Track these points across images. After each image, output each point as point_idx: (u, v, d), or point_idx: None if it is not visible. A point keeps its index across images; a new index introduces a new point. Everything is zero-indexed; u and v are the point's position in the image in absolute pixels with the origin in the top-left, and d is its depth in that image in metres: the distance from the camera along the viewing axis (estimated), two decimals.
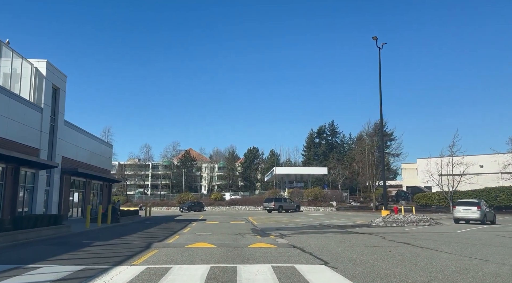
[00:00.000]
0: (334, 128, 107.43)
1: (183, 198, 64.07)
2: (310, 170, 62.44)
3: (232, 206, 59.39)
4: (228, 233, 18.11)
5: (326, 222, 26.68)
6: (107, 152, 35.20)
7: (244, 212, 48.48)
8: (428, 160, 40.59)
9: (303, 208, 48.28)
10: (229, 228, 21.35)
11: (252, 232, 18.58)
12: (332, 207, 46.71)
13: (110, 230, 19.34)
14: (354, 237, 15.79)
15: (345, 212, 42.60)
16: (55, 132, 24.42)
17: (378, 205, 43.35)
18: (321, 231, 18.67)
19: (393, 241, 14.30)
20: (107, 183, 34.76)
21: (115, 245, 12.62)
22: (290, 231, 18.90)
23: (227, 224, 24.87)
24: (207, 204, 62.04)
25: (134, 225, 23.78)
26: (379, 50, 27.44)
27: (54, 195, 24.32)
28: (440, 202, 40.98)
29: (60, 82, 24.85)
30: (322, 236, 16.21)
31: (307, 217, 33.34)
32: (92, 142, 30.98)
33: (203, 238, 15.12)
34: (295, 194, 51.09)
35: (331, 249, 11.51)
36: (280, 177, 64.80)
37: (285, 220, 28.96)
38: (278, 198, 46.78)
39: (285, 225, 23.92)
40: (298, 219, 30.94)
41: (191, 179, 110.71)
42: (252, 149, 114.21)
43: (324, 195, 49.05)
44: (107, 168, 35.22)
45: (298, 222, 26.37)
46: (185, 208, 55.07)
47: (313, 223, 25.15)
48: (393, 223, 22.24)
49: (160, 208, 66.87)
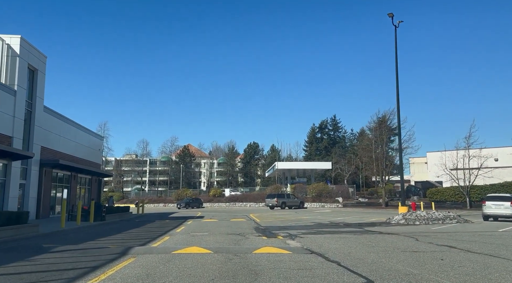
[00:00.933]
0: (336, 123, 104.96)
1: (181, 194, 61.33)
2: (313, 165, 59.74)
3: (232, 203, 56.72)
4: (227, 233, 15.43)
5: (336, 219, 24.00)
6: (97, 144, 32.39)
7: (245, 209, 45.79)
8: (442, 153, 37.85)
9: (307, 204, 45.62)
10: (229, 227, 18.67)
11: (255, 232, 15.91)
12: (338, 203, 44.02)
13: (88, 230, 16.64)
14: (380, 238, 13.09)
15: (352, 208, 39.91)
16: (33, 119, 21.64)
17: (388, 201, 40.71)
18: (336, 231, 15.99)
19: (430, 243, 11.62)
20: (97, 178, 32.01)
21: (83, 251, 9.89)
22: (299, 230, 16.23)
23: (227, 222, 22.18)
24: (206, 201, 59.35)
25: (122, 224, 21.07)
26: (395, 28, 24.63)
27: (31, 190, 21.59)
28: (455, 198, 38.31)
29: (38, 63, 22.06)
30: (340, 237, 13.52)
31: (314, 214, 30.66)
32: (79, 133, 28.19)
33: (198, 240, 12.42)
34: (298, 189, 48.40)
35: (362, 257, 8.82)
36: (282, 172, 62.12)
37: (290, 217, 26.28)
38: (281, 194, 44.10)
39: (292, 223, 21.23)
40: (304, 216, 28.26)
41: (190, 175, 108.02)
42: (252, 144, 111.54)
43: (329, 191, 46.33)
44: (96, 161, 32.46)
45: (305, 220, 23.69)
46: (182, 204, 52.36)
47: (322, 221, 22.47)
48: (415, 221, 19.54)
49: (157, 204, 64.18)
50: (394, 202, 41.93)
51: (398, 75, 24.62)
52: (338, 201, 44.40)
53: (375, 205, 41.35)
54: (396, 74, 24.73)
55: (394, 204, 41.23)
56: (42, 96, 22.72)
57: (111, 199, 34.40)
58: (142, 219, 25.49)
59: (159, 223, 22.37)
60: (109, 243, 11.88)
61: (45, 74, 22.86)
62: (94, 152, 31.47)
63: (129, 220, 24.09)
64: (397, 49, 24.83)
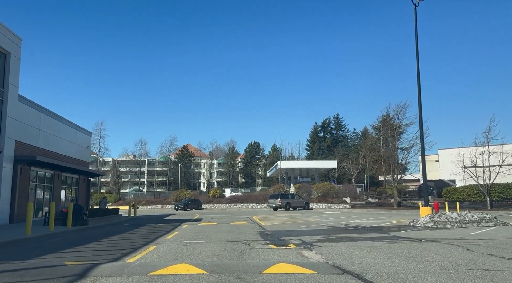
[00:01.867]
0: (339, 121, 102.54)
1: (179, 195, 58.65)
2: (318, 164, 56.99)
3: (232, 204, 54.01)
4: (228, 240, 12.75)
5: (350, 222, 21.28)
6: (85, 140, 29.66)
7: (246, 210, 43.06)
8: (460, 149, 35.08)
9: (312, 205, 42.91)
10: (230, 232, 15.96)
11: (261, 239, 13.24)
12: (345, 204, 41.28)
13: (58, 238, 13.91)
14: (419, 247, 10.38)
15: (362, 209, 37.17)
16: (4, 109, 18.93)
17: (400, 201, 37.99)
18: (359, 237, 13.30)
19: (491, 255, 8.93)
20: (85, 177, 29.29)
21: (23, 272, 7.13)
22: (313, 237, 13.56)
23: (227, 225, 19.46)
24: (205, 202, 56.68)
25: (106, 229, 18.35)
26: (414, 7, 21.89)
27: (4, 190, 18.86)
28: (474, 197, 35.56)
29: (11, 45, 19.39)
30: (368, 245, 10.83)
31: (322, 216, 27.94)
32: (63, 127, 25.44)
33: (189, 252, 9.73)
34: (302, 189, 45.69)
35: (420, 280, 6.12)
36: (284, 171, 59.40)
37: (297, 220, 23.56)
38: (285, 194, 41.38)
39: (301, 226, 18.53)
40: (313, 218, 25.54)
41: (189, 175, 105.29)
42: (253, 144, 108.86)
43: (336, 191, 43.58)
44: (85, 159, 29.72)
45: (315, 223, 20.97)
46: (180, 206, 49.68)
47: (335, 224, 19.75)
48: (446, 224, 16.81)
49: (155, 206, 61.52)
50: (407, 202, 39.28)
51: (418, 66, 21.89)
52: (345, 201, 41.67)
53: (386, 205, 38.64)
54: (416, 57, 22.03)
55: (406, 205, 38.55)
56: (17, 84, 20.02)
57: (103, 200, 31.74)
58: (133, 223, 22.77)
59: (150, 227, 19.65)
60: (71, 257, 9.16)
61: (19, 59, 20.16)
62: (81, 149, 28.74)
63: (116, 224, 21.37)
64: (417, 34, 22.09)
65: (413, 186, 54.21)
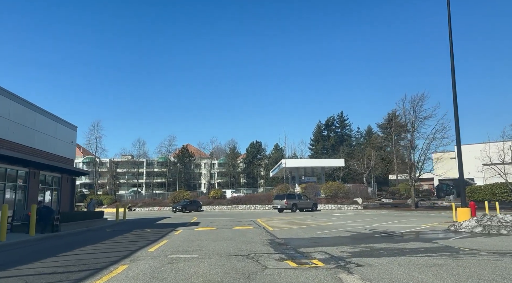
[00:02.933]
0: (344, 119, 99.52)
1: (177, 196, 55.39)
2: (324, 162, 53.71)
3: (234, 205, 50.80)
4: (229, 253, 9.60)
5: (373, 226, 18.08)
6: (68, 134, 26.45)
7: (249, 212, 39.83)
8: (487, 144, 31.90)
9: (320, 206, 39.66)
10: (232, 240, 12.79)
11: (273, 250, 10.13)
12: (357, 204, 38.00)
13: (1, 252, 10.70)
14: (507, 266, 7.15)
15: (376, 210, 33.92)
16: None
17: (418, 201, 34.73)
18: (400, 248, 10.20)
19: None
20: (69, 176, 26.09)
21: None
22: (340, 247, 10.45)
23: (229, 231, 16.27)
24: (205, 203, 53.50)
25: (80, 237, 15.16)
26: None
27: None
28: (502, 196, 32.31)
29: None
30: (426, 263, 7.68)
31: (336, 218, 24.71)
32: (40, 119, 22.14)
33: (172, 278, 6.52)
34: (309, 189, 42.44)
35: None
36: (288, 171, 56.12)
37: (310, 223, 20.35)
38: (291, 194, 38.13)
39: (318, 232, 15.33)
40: (326, 221, 22.32)
41: (189, 176, 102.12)
42: (254, 143, 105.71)
43: (346, 191, 40.26)
44: (68, 156, 26.52)
45: (332, 227, 17.77)
46: (178, 208, 46.50)
47: (357, 229, 16.54)
48: (500, 228, 13.60)
49: (152, 208, 58.36)
50: (425, 203, 36.02)
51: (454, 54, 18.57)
52: (356, 202, 38.38)
53: (402, 206, 35.39)
54: (450, 44, 18.81)
55: (425, 205, 35.28)
56: None
57: (91, 202, 28.62)
58: (118, 228, 19.58)
59: (136, 233, 16.46)
60: None
61: None
62: (64, 144, 25.56)
63: (98, 230, 18.19)
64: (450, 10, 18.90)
65: (427, 185, 51.03)
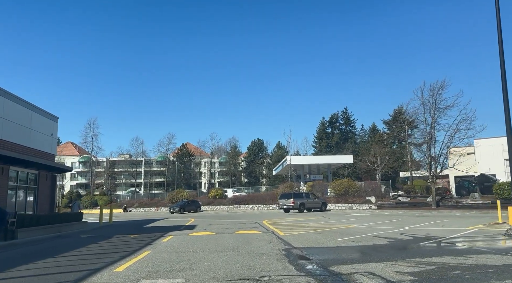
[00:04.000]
0: (348, 116, 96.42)
1: (175, 196, 52.18)
2: (331, 159, 50.57)
3: (236, 205, 47.61)
4: (231, 276, 6.43)
5: (404, 229, 14.89)
6: (47, 126, 23.25)
7: (252, 213, 36.62)
8: None
9: (329, 205, 36.46)
10: (235, 250, 9.61)
11: (294, 269, 6.99)
12: (370, 203, 34.78)
13: None
14: None
15: (393, 210, 30.68)
16: None
17: (439, 200, 31.50)
18: (481, 266, 7.02)
19: None
20: (48, 173, 22.90)
21: None
22: (390, 265, 7.33)
23: (230, 237, 13.06)
24: (205, 203, 50.34)
25: (40, 246, 12.00)
26: None
27: None
28: None
29: None
30: None
31: (354, 220, 21.49)
32: (10, 105, 18.57)
33: None
34: (317, 188, 39.26)
35: None
36: (293, 168, 52.79)
37: (326, 226, 17.14)
38: (298, 193, 34.92)
39: (343, 238, 12.12)
40: (345, 223, 19.10)
41: (189, 176, 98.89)
42: (256, 142, 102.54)
43: (358, 189, 37.03)
44: (48, 150, 23.35)
45: (356, 231, 14.55)
46: (176, 208, 43.32)
47: (389, 233, 13.34)
48: None
49: (149, 209, 55.22)
50: (447, 201, 32.76)
51: None
52: (369, 201, 35.14)
53: (421, 205, 32.17)
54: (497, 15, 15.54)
55: (447, 204, 32.05)
56: None
57: (75, 203, 25.46)
58: (97, 233, 16.39)
59: (115, 241, 13.26)
60: None
61: None
62: (42, 137, 22.38)
63: (70, 236, 15.03)
64: None
65: (442, 182, 47.79)
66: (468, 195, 34.30)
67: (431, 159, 31.40)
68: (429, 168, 32.02)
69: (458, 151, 37.34)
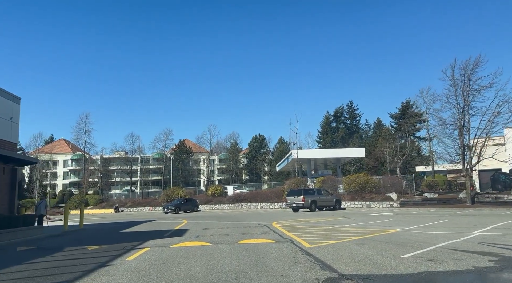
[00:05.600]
0: (354, 110, 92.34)
1: (170, 194, 47.74)
2: (341, 152, 46.12)
3: (237, 204, 43.27)
4: None
5: (474, 236, 10.65)
6: (5, 107, 18.93)
7: (257, 212, 32.27)
8: None
9: (343, 203, 32.12)
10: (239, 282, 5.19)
11: None
12: (390, 201, 30.39)
13: None
14: None
15: (421, 208, 26.33)
16: None
17: (474, 196, 27.14)
18: None
19: None
20: (6, 165, 18.57)
21: None
22: None
23: (231, 251, 8.68)
24: (203, 202, 46.01)
25: None
26: None
27: None
28: None
29: None
30: None
31: (386, 222, 17.16)
32: None
33: None
34: (328, 184, 34.88)
35: None
36: (298, 163, 48.30)
37: (361, 231, 12.80)
38: (309, 190, 30.55)
39: (409, 254, 7.70)
40: (381, 226, 14.75)
41: (187, 173, 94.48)
42: (257, 137, 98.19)
43: (375, 184, 32.56)
44: (5, 138, 19.04)
45: (410, 239, 10.26)
46: (171, 208, 38.97)
47: (466, 244, 9.04)
48: None
49: (142, 208, 50.91)
50: (484, 197, 28.36)
51: None
52: (390, 198, 30.73)
53: (453, 202, 27.83)
54: None
55: (484, 200, 27.69)
56: None
57: (41, 203, 21.02)
58: (48, 243, 12.09)
59: (57, 258, 8.95)
60: None
61: None
62: None
63: (8, 249, 10.69)
64: None
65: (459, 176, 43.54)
66: (505, 190, 30.02)
67: (464, 148, 27.04)
68: (462, 159, 27.61)
69: (481, 141, 32.73)
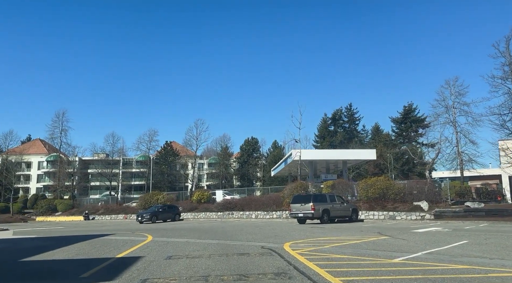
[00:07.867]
0: (353, 113, 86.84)
1: (149, 199, 40.78)
2: (350, 154, 39.89)
3: (227, 212, 36.60)
4: None
5: None
6: None
7: (252, 223, 25.58)
8: None
9: (360, 213, 25.73)
10: None
11: None
12: (421, 211, 23.91)
13: None
14: None
15: (465, 221, 20.06)
16: None
17: None
18: None
19: None
20: None
21: None
22: None
23: None
24: (187, 209, 39.33)
25: None
26: None
27: None
28: None
29: None
30: None
31: (456, 246, 10.68)
32: None
33: None
34: (339, 189, 28.48)
35: None
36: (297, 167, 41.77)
37: (472, 277, 6.23)
38: (320, 195, 24.09)
39: None
40: (466, 255, 8.25)
41: (174, 178, 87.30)
42: (250, 140, 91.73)
43: (400, 191, 25.99)
44: None
45: None
46: (146, 216, 32.17)
47: None
48: None
49: (116, 216, 43.90)
50: None
51: None
52: (419, 208, 24.33)
53: (508, 214, 21.67)
54: None
55: None
56: None
57: None
58: None
59: None
60: None
61: None
62: None
63: None
64: None
65: (495, 183, 37.66)
66: None
67: None
68: None
69: None
